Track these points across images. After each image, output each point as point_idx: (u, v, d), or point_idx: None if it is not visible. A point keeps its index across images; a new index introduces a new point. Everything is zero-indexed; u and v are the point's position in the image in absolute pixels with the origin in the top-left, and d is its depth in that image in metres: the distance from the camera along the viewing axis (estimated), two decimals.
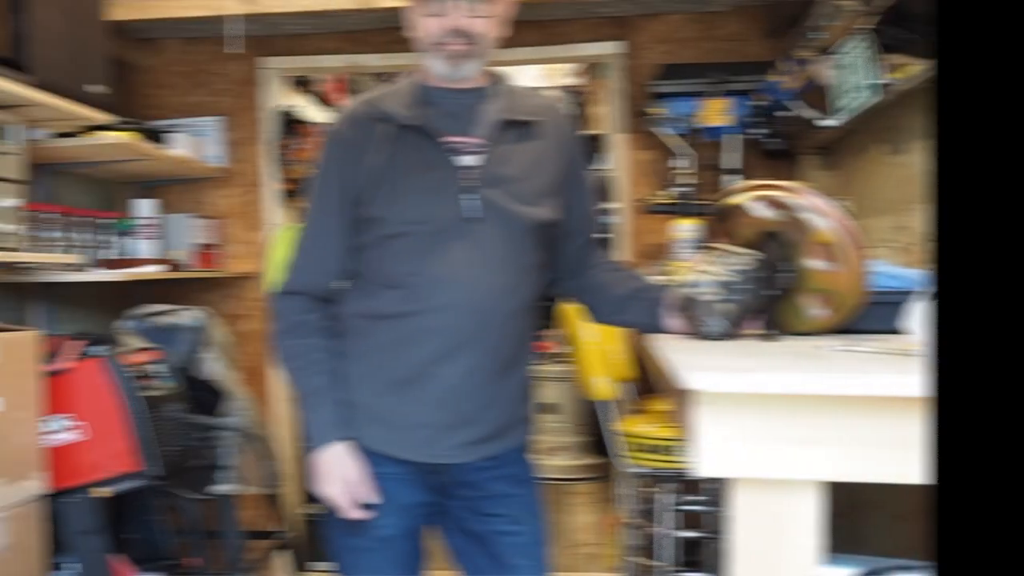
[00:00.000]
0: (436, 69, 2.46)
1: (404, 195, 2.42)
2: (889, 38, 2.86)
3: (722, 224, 2.22)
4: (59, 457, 3.22)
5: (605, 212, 5.06)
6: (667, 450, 3.88)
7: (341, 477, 2.44)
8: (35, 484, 3.08)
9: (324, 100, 6.40)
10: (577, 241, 2.66)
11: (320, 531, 2.72)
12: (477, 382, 2.44)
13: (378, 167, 2.43)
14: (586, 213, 2.68)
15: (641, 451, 3.95)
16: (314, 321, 2.52)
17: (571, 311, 2.98)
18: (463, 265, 2.40)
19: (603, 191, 5.12)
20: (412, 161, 2.44)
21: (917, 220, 3.21)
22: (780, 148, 4.60)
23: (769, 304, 2.04)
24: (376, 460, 2.49)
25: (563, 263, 2.67)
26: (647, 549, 4.79)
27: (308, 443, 2.49)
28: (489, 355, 2.44)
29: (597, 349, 4.04)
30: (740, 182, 2.84)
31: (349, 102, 2.69)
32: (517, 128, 2.52)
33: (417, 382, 2.43)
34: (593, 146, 6.16)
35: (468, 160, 2.45)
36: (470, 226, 2.41)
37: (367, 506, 2.47)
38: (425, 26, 2.45)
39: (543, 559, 2.64)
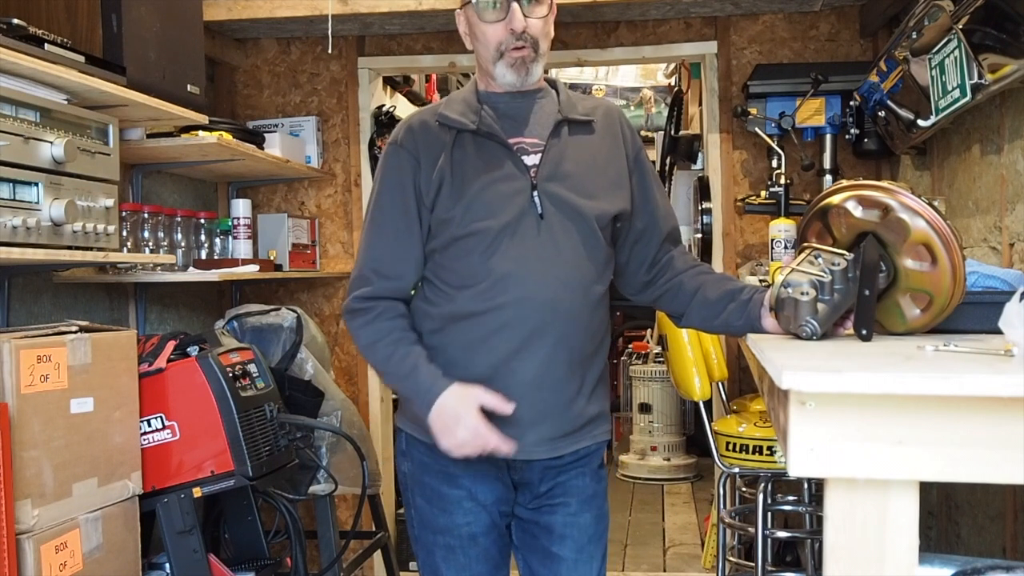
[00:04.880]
0: (506, 79, 2.53)
1: (470, 196, 2.48)
2: (985, 38, 2.83)
3: (818, 224, 2.22)
4: (154, 457, 3.25)
5: (704, 212, 5.05)
6: (763, 450, 3.87)
7: (475, 411, 2.39)
8: (130, 484, 3.10)
9: (420, 100, 6.44)
10: (654, 241, 2.68)
11: (407, 531, 2.76)
12: (555, 375, 2.48)
13: (443, 172, 2.49)
14: (659, 212, 2.70)
15: (737, 451, 3.95)
16: (401, 308, 2.55)
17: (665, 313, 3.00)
18: (531, 260, 2.45)
19: (700, 191, 5.11)
20: (475, 163, 2.51)
21: (1014, 220, 3.18)
22: (875, 148, 4.56)
23: (865, 304, 2.04)
24: (456, 459, 2.52)
25: (642, 264, 2.70)
26: (743, 549, 4.78)
27: (418, 407, 2.45)
28: (564, 348, 2.47)
29: (693, 349, 4.04)
30: (836, 182, 2.84)
31: (409, 114, 2.77)
32: (573, 127, 2.58)
33: (495, 379, 2.46)
34: (690, 146, 6.14)
35: (528, 159, 2.51)
36: (535, 222, 2.47)
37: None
38: (487, 35, 2.51)
39: (598, 557, 2.66)
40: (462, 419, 2.37)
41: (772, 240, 4.43)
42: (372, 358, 2.55)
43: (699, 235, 5.08)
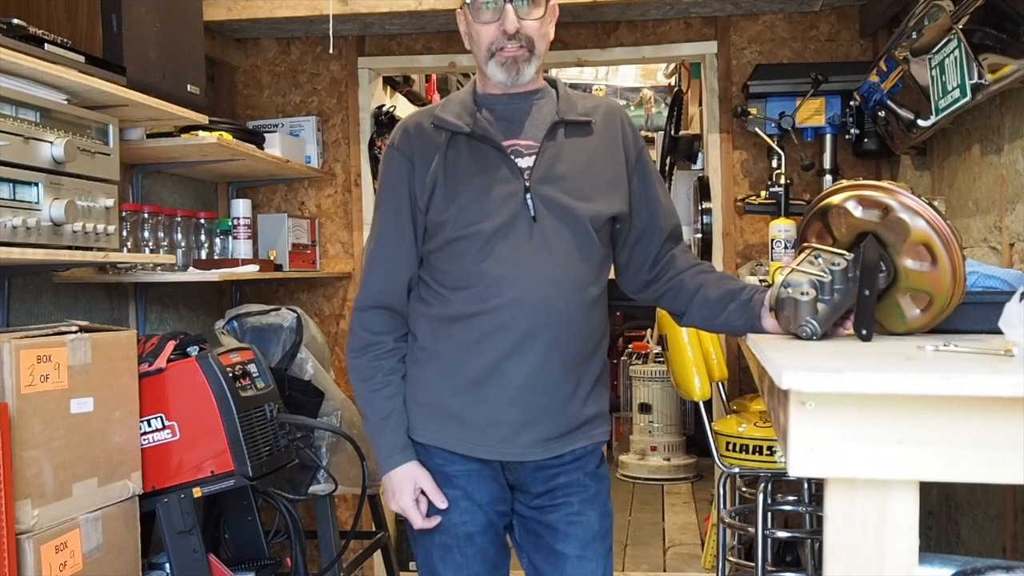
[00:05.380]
0: (496, 78, 2.52)
1: (464, 198, 2.48)
2: (985, 38, 2.83)
3: (818, 224, 2.22)
4: (154, 457, 3.25)
5: (704, 212, 5.05)
6: (763, 450, 3.87)
7: (409, 493, 2.54)
8: (130, 484, 3.10)
9: (420, 100, 6.44)
10: (656, 240, 2.68)
11: (406, 531, 2.77)
12: (550, 377, 2.48)
13: (438, 174, 2.50)
14: (660, 211, 2.69)
15: (737, 451, 3.95)
16: (388, 343, 2.61)
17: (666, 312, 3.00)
18: (526, 262, 2.45)
19: (700, 191, 5.10)
20: (470, 165, 2.51)
21: (1014, 220, 3.18)
22: (875, 148, 4.56)
23: (865, 304, 2.04)
24: (452, 459, 2.55)
25: (644, 263, 2.69)
26: (743, 549, 4.78)
27: (377, 464, 2.61)
28: (558, 350, 2.47)
29: (693, 349, 4.04)
30: (836, 182, 2.83)
31: (406, 116, 2.77)
32: (571, 128, 2.57)
33: (489, 380, 2.48)
34: (690, 146, 6.14)
35: (522, 161, 2.51)
36: (528, 224, 2.47)
37: (438, 511, 2.56)
38: (481, 34, 2.50)
39: (602, 554, 2.65)
40: (397, 496, 2.56)
41: (772, 240, 4.43)
42: (354, 391, 2.65)
43: (699, 235, 5.08)
